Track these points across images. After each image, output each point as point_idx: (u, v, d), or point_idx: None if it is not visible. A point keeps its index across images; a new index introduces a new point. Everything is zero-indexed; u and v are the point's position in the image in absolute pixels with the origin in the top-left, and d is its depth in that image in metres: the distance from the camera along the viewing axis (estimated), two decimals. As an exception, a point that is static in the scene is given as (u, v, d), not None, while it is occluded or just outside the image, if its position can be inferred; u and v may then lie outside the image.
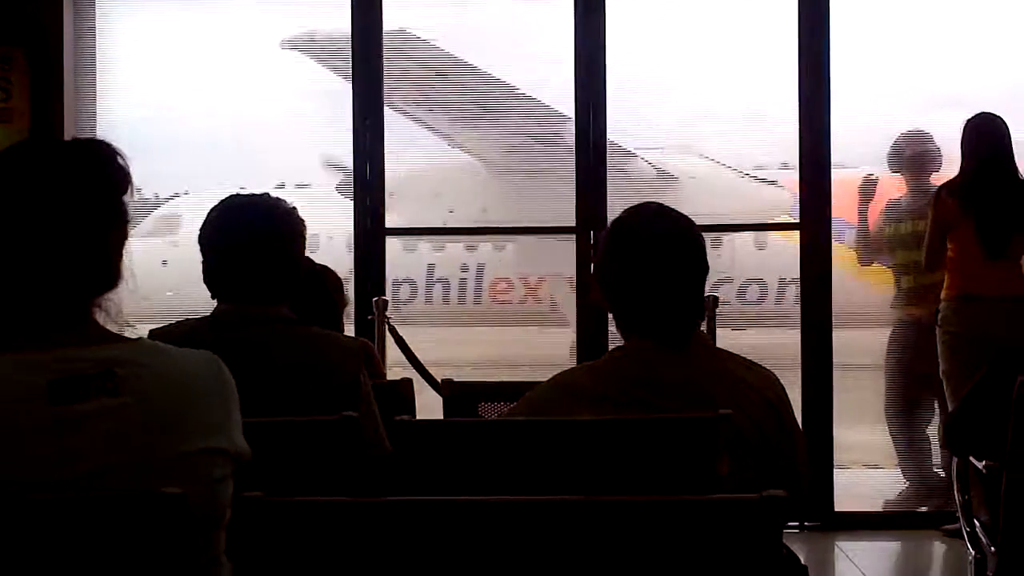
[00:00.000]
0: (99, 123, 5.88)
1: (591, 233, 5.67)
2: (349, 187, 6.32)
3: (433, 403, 4.20)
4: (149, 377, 1.72)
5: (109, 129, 5.79)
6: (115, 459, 1.68)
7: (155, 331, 2.77)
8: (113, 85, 5.97)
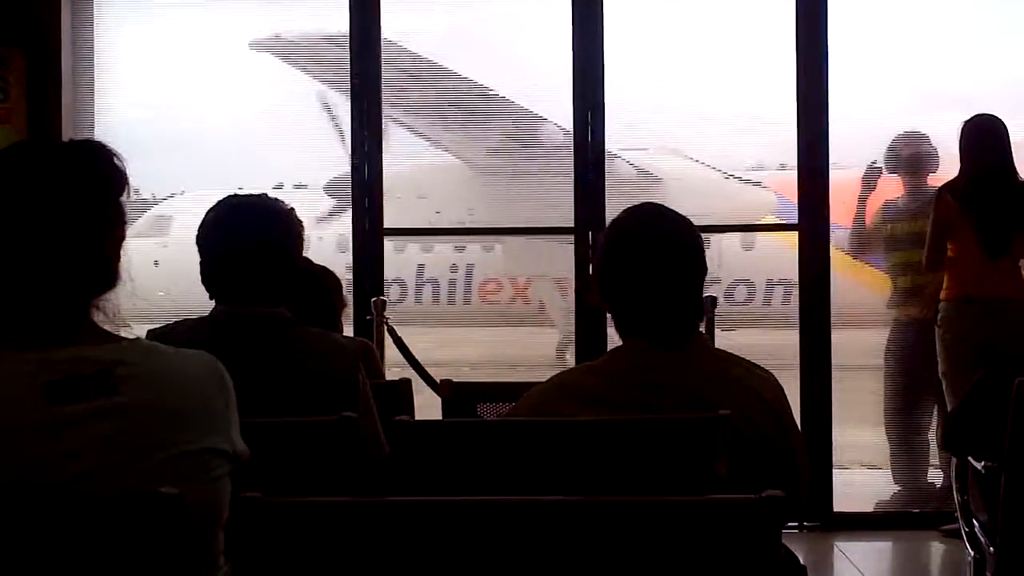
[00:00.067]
0: (97, 123, 5.88)
1: (589, 234, 5.67)
2: (337, 188, 6.36)
3: (432, 403, 4.20)
4: (147, 378, 1.72)
5: (107, 129, 5.79)
6: (113, 459, 1.67)
7: (153, 331, 2.77)
8: (111, 85, 5.97)
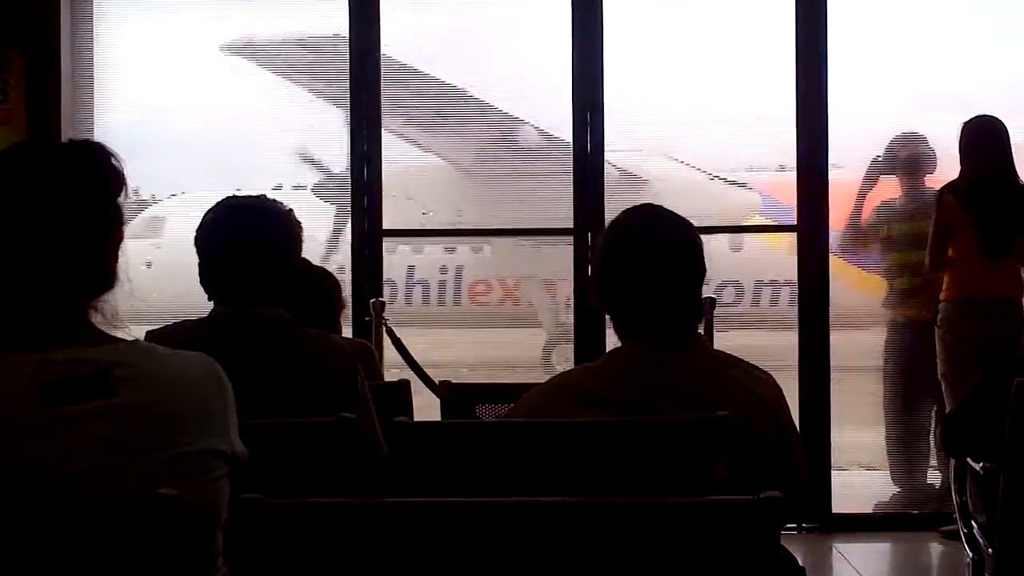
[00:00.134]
0: (96, 124, 5.88)
1: (589, 235, 5.68)
2: (325, 189, 6.40)
3: (431, 405, 4.19)
4: (145, 379, 1.72)
5: (106, 130, 5.79)
6: (111, 460, 1.67)
7: (152, 332, 2.76)
8: (110, 86, 5.97)
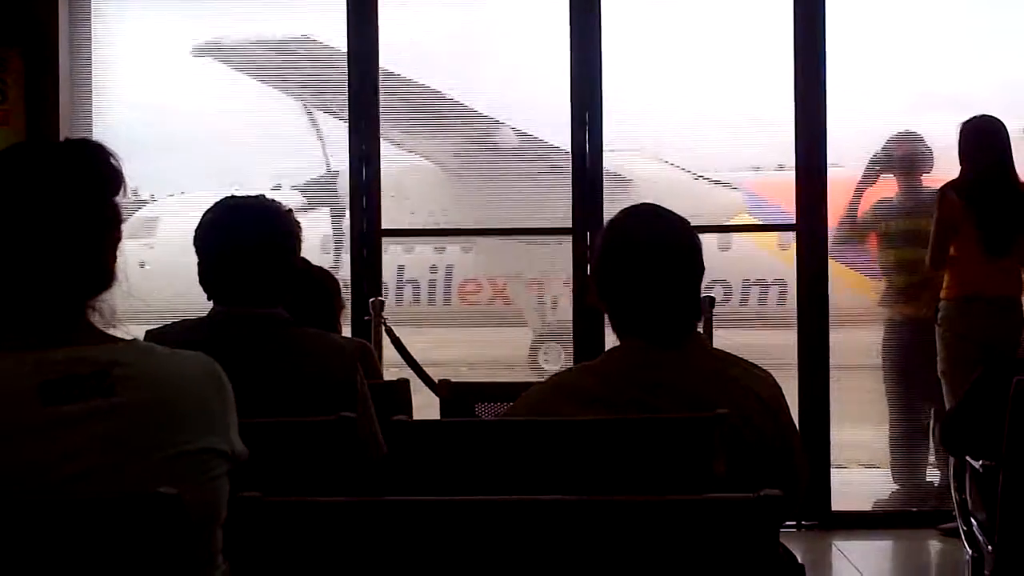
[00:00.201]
0: (95, 124, 5.88)
1: (588, 234, 5.68)
2: (313, 190, 6.41)
3: (430, 404, 4.20)
4: (144, 378, 1.72)
5: (105, 129, 5.79)
6: (110, 460, 1.67)
7: (151, 332, 2.76)
8: (109, 86, 5.97)
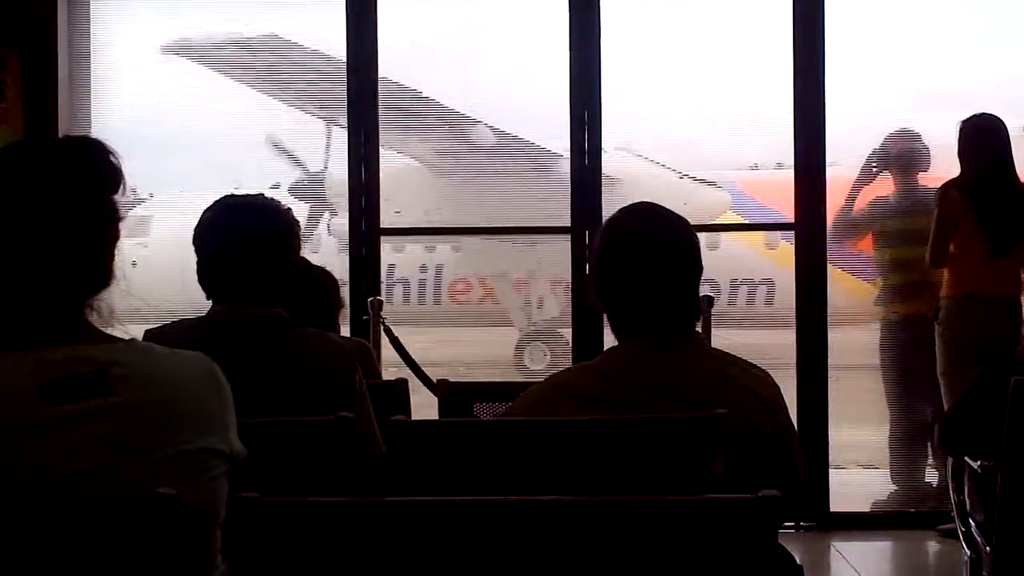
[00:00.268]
0: (94, 123, 5.88)
1: (586, 233, 5.68)
2: (303, 189, 6.44)
3: (429, 403, 4.19)
4: (143, 378, 1.72)
5: (104, 128, 5.78)
6: (109, 459, 1.67)
7: (150, 331, 2.76)
8: (108, 85, 5.97)
